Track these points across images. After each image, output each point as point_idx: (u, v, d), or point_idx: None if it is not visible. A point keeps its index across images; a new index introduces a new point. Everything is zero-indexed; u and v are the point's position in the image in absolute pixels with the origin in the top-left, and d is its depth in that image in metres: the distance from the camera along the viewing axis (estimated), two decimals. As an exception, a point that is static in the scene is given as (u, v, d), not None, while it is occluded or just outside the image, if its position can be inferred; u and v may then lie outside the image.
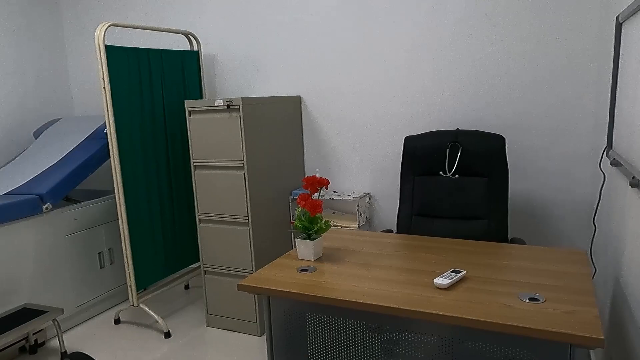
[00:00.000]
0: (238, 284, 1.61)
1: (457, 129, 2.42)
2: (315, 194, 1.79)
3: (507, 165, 2.30)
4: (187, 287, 3.60)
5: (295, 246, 2.33)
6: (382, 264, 1.74)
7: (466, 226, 2.31)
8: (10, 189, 2.82)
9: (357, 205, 2.89)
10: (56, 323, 2.63)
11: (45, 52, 3.76)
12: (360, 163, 3.05)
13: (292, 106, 3.07)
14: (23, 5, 3.59)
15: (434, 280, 1.50)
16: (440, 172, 2.38)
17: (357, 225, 2.89)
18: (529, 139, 2.60)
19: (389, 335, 1.50)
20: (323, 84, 3.06)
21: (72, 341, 2.85)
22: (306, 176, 2.33)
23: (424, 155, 2.41)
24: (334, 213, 3.13)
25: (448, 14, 2.66)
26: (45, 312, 2.58)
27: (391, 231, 2.39)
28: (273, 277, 1.65)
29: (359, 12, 2.88)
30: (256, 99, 2.73)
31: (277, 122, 2.91)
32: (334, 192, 3.13)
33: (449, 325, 1.37)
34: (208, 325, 2.95)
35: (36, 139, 3.44)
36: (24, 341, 2.76)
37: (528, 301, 1.37)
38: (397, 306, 1.38)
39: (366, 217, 3.01)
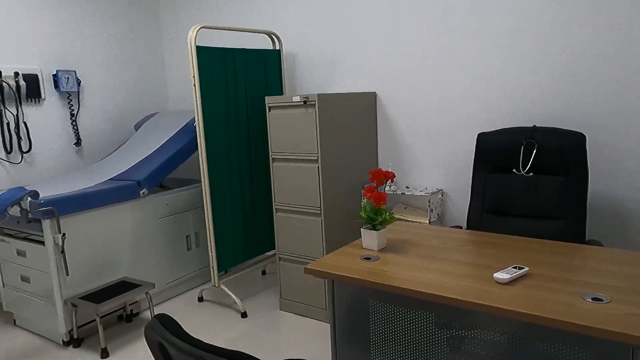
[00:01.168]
0: (305, 267, 1.73)
1: (534, 126, 2.36)
2: (381, 186, 1.86)
3: (587, 165, 2.21)
4: (264, 272, 3.81)
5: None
6: (444, 257, 1.77)
7: (539, 225, 2.25)
8: (113, 175, 3.18)
9: (429, 201, 2.90)
10: (148, 296, 2.94)
11: (145, 53, 4.15)
12: (434, 159, 3.05)
13: (367, 102, 3.14)
14: (127, 11, 4.00)
15: (494, 275, 1.52)
16: (514, 170, 2.33)
17: (427, 221, 2.91)
18: (614, 139, 2.46)
19: (456, 331, 1.54)
20: (398, 80, 3.10)
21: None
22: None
23: (497, 152, 2.38)
24: (405, 208, 3.17)
25: (532, 9, 2.58)
26: (140, 285, 2.90)
27: (460, 227, 2.39)
28: (337, 263, 1.75)
29: (436, 8, 2.88)
30: (332, 95, 2.84)
31: (352, 118, 3.00)
32: (406, 187, 3.16)
33: (507, 319, 1.38)
34: (281, 309, 3.13)
35: (136, 131, 3.83)
36: (121, 310, 3.11)
37: (591, 301, 1.35)
38: (450, 295, 1.42)
39: (438, 214, 3.01)
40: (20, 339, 2.95)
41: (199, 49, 2.88)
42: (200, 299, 3.36)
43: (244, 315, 3.08)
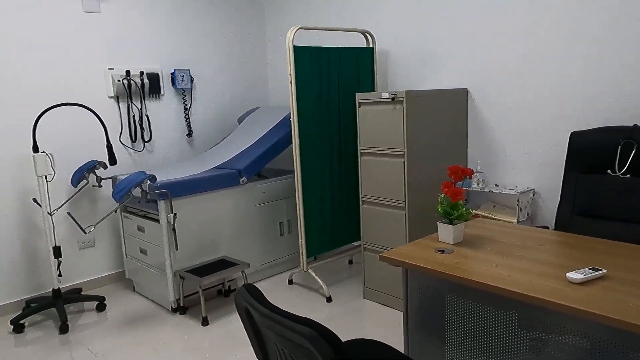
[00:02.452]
0: (380, 255, 1.85)
1: (635, 125, 2.23)
2: (460, 182, 1.91)
3: (694, 168, 2.05)
4: (350, 262, 3.97)
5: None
6: (519, 254, 1.78)
7: (635, 230, 2.14)
8: (218, 164, 3.53)
9: (518, 200, 2.85)
10: (244, 274, 3.24)
11: (250, 54, 4.50)
12: (527, 158, 2.98)
13: (457, 98, 3.14)
14: (235, 16, 4.36)
15: (567, 274, 1.51)
16: (609, 171, 2.23)
17: (515, 220, 2.85)
18: None
19: (540, 334, 1.55)
20: (491, 77, 3.06)
21: (255, 292, 3.46)
22: (466, 167, 2.41)
23: (591, 152, 2.29)
24: (494, 206, 3.13)
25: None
26: (237, 264, 3.20)
27: (547, 228, 2.34)
28: (411, 253, 1.84)
29: (530, 2, 2.80)
30: (421, 91, 2.90)
31: (441, 114, 3.03)
32: (495, 185, 3.12)
33: (589, 322, 1.38)
34: (364, 297, 3.27)
35: (239, 124, 4.18)
36: (220, 285, 3.45)
37: (670, 307, 1.31)
38: (520, 291, 1.45)
39: (528, 213, 2.94)
40: (137, 303, 3.41)
41: (296, 49, 3.09)
42: (290, 282, 3.61)
43: (329, 299, 3.27)
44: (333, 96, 3.34)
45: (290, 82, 3.10)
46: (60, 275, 3.16)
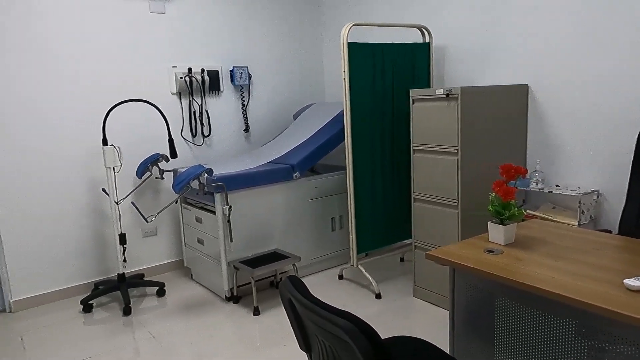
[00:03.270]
0: (426, 253, 1.83)
1: None
2: (512, 181, 1.86)
3: None
4: (402, 259, 3.94)
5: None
6: (574, 258, 1.70)
7: None
8: (272, 159, 3.61)
9: (579, 202, 2.71)
10: (295, 267, 3.30)
11: (306, 51, 4.56)
12: (591, 158, 2.82)
13: (517, 95, 3.03)
14: (292, 14, 4.43)
15: (624, 281, 1.43)
16: (681, 173, 2.08)
17: (576, 223, 2.72)
18: None
19: (600, 343, 1.49)
20: (553, 73, 2.92)
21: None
22: (520, 166, 2.33)
23: (661, 152, 2.13)
24: (554, 208, 2.99)
25: None
26: (289, 257, 3.27)
27: (609, 232, 2.22)
28: (459, 252, 1.81)
29: (602, -7, 2.65)
30: (477, 87, 2.82)
31: (499, 111, 2.94)
32: (556, 185, 2.98)
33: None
34: (414, 296, 3.24)
35: (294, 120, 4.25)
36: (272, 277, 3.54)
37: None
38: (577, 297, 1.40)
39: (590, 216, 2.79)
40: (194, 290, 3.57)
41: (350, 45, 3.10)
42: (340, 277, 3.64)
43: (378, 296, 3.26)
44: (387, 92, 3.32)
45: (344, 78, 3.11)
46: (125, 260, 3.38)
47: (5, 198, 3.24)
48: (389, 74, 3.31)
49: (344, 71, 3.10)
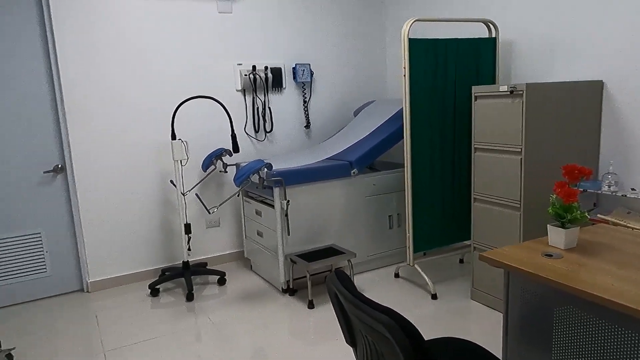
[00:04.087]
0: (479, 254, 1.78)
1: None
2: (575, 182, 1.76)
3: None
4: (461, 261, 3.84)
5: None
6: (644, 267, 1.59)
7: None
8: (331, 155, 3.65)
9: (657, 208, 2.51)
10: (350, 264, 3.32)
11: (369, 47, 4.54)
12: (671, 159, 2.60)
13: (589, 92, 2.85)
14: (355, 12, 4.43)
15: (697, 293, 1.32)
16: None
17: (653, 230, 2.52)
18: None
19: None
20: (633, 68, 2.72)
21: (360, 282, 3.53)
22: (594, 168, 2.20)
23: None
24: (628, 213, 2.79)
25: None
26: (344, 253, 3.30)
27: (689, 241, 2.04)
28: (514, 255, 1.74)
29: (690, -19, 2.43)
30: (545, 84, 2.69)
31: (568, 109, 2.78)
32: (632, 189, 2.78)
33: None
34: (472, 298, 3.15)
35: (355, 116, 4.26)
36: (327, 272, 3.58)
37: None
38: (626, 304, 1.31)
39: (670, 223, 2.57)
40: (253, 281, 3.69)
41: (411, 41, 3.06)
42: (396, 275, 3.61)
43: (434, 297, 3.21)
44: (449, 89, 3.24)
45: (404, 75, 3.08)
46: (189, 249, 3.55)
47: (86, 187, 3.52)
48: (452, 70, 3.23)
49: (404, 68, 3.07)
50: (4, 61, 3.25)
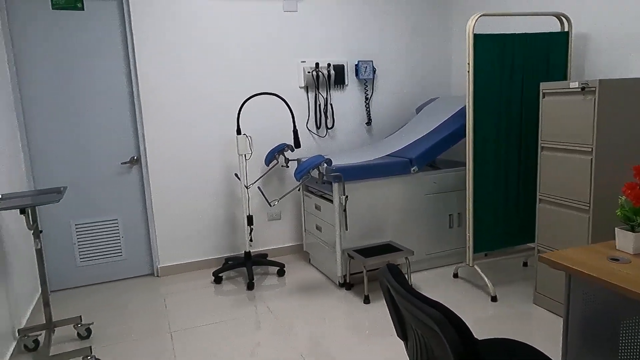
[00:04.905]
0: (539, 256, 1.73)
1: None
2: (648, 184, 1.66)
3: None
4: (525, 264, 3.71)
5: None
6: None
7: None
8: (391, 152, 3.65)
9: None
10: (407, 261, 3.31)
11: (433, 43, 4.48)
12: None
13: (672, 89, 2.66)
14: (419, 7, 4.38)
15: None
16: None
17: None
18: None
19: None
20: None
21: (417, 280, 3.51)
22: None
23: None
24: None
25: None
26: (401, 250, 3.29)
27: None
28: (576, 257, 1.68)
29: None
30: (618, 80, 2.54)
31: (646, 107, 2.61)
32: None
33: None
34: (534, 303, 3.04)
35: (417, 114, 4.21)
36: (385, 269, 3.59)
37: None
38: None
39: None
40: (311, 274, 3.77)
41: (476, 37, 2.99)
42: (455, 276, 3.55)
43: (494, 299, 3.13)
44: (515, 86, 3.14)
45: (468, 71, 3.02)
46: (251, 240, 3.70)
47: (158, 178, 3.76)
48: (519, 66, 3.12)
49: (468, 64, 3.01)
50: (89, 61, 3.53)
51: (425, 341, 1.38)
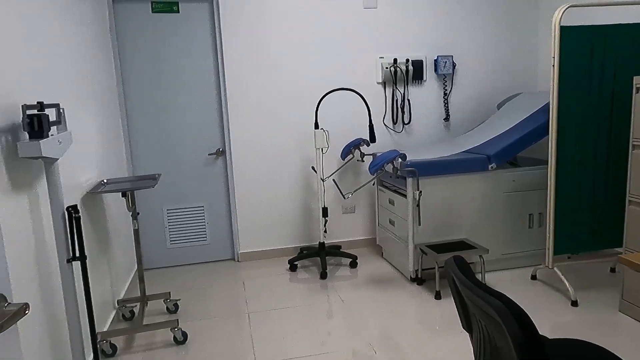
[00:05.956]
0: (619, 256, 1.66)
1: None
2: None
3: None
4: (612, 270, 3.48)
5: None
6: None
7: None
8: (468, 148, 3.59)
9: None
10: (482, 259, 3.25)
11: (519, 37, 4.32)
12: None
13: None
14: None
15: None
16: None
17: None
18: None
19: None
20: None
21: (492, 280, 3.43)
22: None
23: None
24: None
25: None
26: (475, 248, 3.25)
27: None
28: (661, 261, 1.59)
29: None
30: None
31: None
32: None
33: None
34: (620, 311, 2.87)
35: (498, 109, 4.09)
36: (458, 266, 3.55)
37: None
38: None
39: None
40: (383, 267, 3.82)
41: (563, 30, 2.86)
42: (534, 277, 3.42)
43: (574, 304, 2.99)
44: (606, 81, 2.96)
45: (553, 65, 2.90)
46: (325, 231, 3.83)
47: (240, 169, 4.00)
48: (610, 60, 2.94)
49: (553, 57, 2.89)
50: (182, 60, 3.84)
51: (489, 332, 1.39)
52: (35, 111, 1.83)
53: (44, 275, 1.96)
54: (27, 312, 0.92)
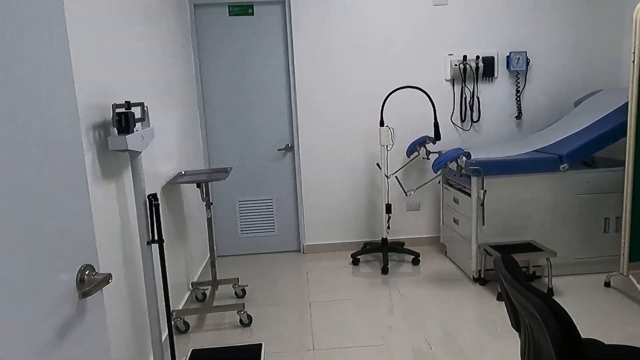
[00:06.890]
0: (685, 264, 1.58)
1: None
2: None
3: None
4: (699, 282, 3.23)
5: None
6: None
7: None
8: (539, 147, 3.47)
9: None
10: (549, 262, 3.15)
11: (601, 32, 4.08)
12: None
13: None
14: (589, -13, 4.03)
15: None
16: None
17: None
18: None
19: None
20: None
21: (560, 284, 3.30)
22: None
23: None
24: None
25: None
26: (542, 250, 3.15)
27: None
28: None
29: None
30: None
31: None
32: None
33: None
34: (702, 325, 2.67)
35: (575, 107, 3.91)
36: (525, 268, 3.46)
37: None
38: None
39: None
40: (445, 266, 3.81)
41: (645, 23, 2.70)
42: (607, 284, 3.26)
43: (650, 314, 2.83)
44: (694, 77, 2.75)
45: (633, 61, 2.75)
46: (388, 228, 3.88)
47: (307, 165, 4.15)
48: (701, 54, 2.73)
49: (633, 53, 2.74)
50: (255, 59, 4.05)
51: (532, 332, 1.41)
52: (123, 109, 2.07)
53: (127, 253, 2.21)
54: (110, 281, 1.09)
